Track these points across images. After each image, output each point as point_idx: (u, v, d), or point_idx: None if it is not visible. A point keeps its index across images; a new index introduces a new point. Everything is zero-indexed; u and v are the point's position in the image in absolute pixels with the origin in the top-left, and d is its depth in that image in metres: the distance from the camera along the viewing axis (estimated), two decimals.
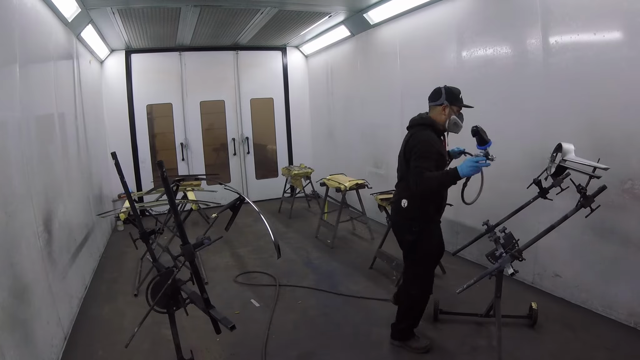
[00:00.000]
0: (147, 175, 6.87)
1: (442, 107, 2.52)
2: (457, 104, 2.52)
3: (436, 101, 2.54)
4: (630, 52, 2.67)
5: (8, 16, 2.58)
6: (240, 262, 4.56)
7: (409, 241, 2.61)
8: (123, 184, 2.50)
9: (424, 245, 2.59)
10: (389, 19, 5.04)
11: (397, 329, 2.77)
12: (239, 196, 3.00)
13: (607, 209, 2.70)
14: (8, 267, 2.21)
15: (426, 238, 2.59)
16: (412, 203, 2.54)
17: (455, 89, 2.54)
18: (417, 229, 2.56)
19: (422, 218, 2.56)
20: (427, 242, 2.60)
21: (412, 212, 2.55)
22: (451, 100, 2.51)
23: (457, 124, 2.52)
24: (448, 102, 2.50)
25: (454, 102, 2.51)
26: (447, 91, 2.51)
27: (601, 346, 2.65)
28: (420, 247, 2.60)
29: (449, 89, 2.52)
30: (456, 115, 2.52)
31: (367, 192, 4.68)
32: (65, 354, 2.81)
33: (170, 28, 5.51)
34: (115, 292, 3.83)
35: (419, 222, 2.56)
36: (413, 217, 2.56)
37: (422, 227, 2.56)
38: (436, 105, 2.55)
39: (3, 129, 2.41)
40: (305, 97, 7.75)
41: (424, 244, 2.59)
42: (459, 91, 2.55)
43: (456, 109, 2.53)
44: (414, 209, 2.55)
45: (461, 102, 2.54)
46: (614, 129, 2.81)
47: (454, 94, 2.51)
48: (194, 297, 2.14)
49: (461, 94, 2.55)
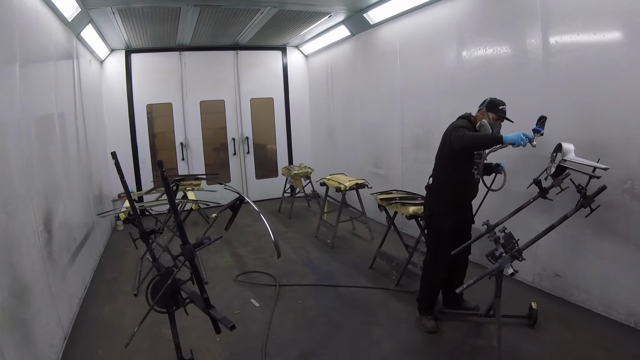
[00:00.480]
0: (147, 175, 6.87)
1: (481, 112, 2.87)
2: (493, 112, 2.81)
3: (479, 107, 2.91)
4: (630, 52, 2.67)
5: (8, 16, 2.58)
6: (240, 262, 4.56)
7: (426, 215, 3.06)
8: (123, 184, 2.50)
9: (436, 223, 2.95)
10: (389, 19, 5.04)
11: (417, 300, 3.08)
12: (239, 196, 3.00)
13: (607, 209, 2.71)
14: (8, 267, 2.21)
15: (439, 217, 2.93)
16: (436, 181, 2.94)
17: (497, 100, 2.83)
18: (433, 205, 2.96)
19: (439, 198, 2.92)
20: (439, 222, 2.93)
21: (433, 189, 2.96)
22: (489, 108, 2.82)
23: (485, 127, 2.78)
24: (485, 109, 2.83)
25: (491, 109, 2.82)
26: (489, 100, 2.85)
27: (601, 346, 2.65)
28: (433, 223, 2.98)
29: (491, 99, 2.85)
30: (491, 122, 2.80)
31: (367, 192, 4.68)
32: (65, 353, 2.81)
33: (170, 28, 5.51)
34: (115, 292, 3.83)
35: (436, 200, 2.94)
36: (432, 193, 2.98)
37: (439, 205, 2.93)
38: (479, 110, 2.91)
39: (3, 129, 2.41)
40: (305, 97, 7.75)
41: (436, 221, 2.95)
42: (501, 103, 2.82)
43: (492, 116, 2.81)
44: (436, 187, 2.94)
45: (498, 112, 2.80)
46: (614, 129, 2.81)
47: (493, 103, 2.83)
48: (194, 296, 2.14)
49: (504, 106, 2.81)
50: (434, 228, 2.98)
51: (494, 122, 2.79)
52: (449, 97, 4.26)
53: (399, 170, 5.24)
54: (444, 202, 2.90)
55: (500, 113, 2.79)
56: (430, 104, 4.56)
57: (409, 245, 3.97)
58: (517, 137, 2.49)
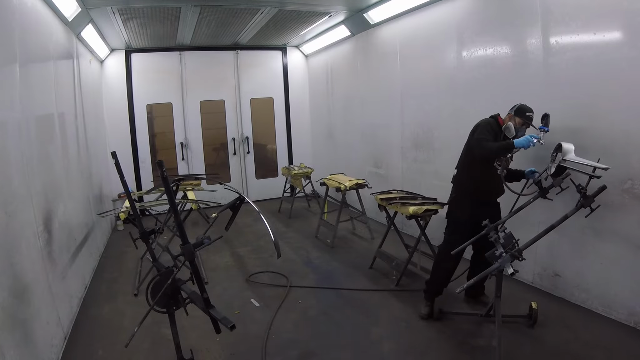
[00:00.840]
0: (147, 175, 6.87)
1: (509, 115, 2.98)
2: (520, 117, 2.92)
3: (510, 110, 3.01)
4: (630, 52, 2.67)
5: (8, 16, 2.57)
6: (240, 262, 4.56)
7: (448, 203, 3.21)
8: (123, 184, 2.50)
9: (455, 211, 3.09)
10: (389, 19, 5.04)
11: (425, 283, 3.22)
12: (239, 196, 3.00)
13: (607, 209, 2.70)
14: (8, 267, 2.21)
15: (457, 205, 3.08)
16: (459, 174, 3.12)
17: (526, 107, 2.94)
18: (454, 194, 3.13)
19: (461, 188, 3.09)
20: (456, 209, 3.08)
21: (456, 180, 3.13)
22: (517, 113, 2.94)
23: (509, 129, 2.87)
24: (514, 113, 2.95)
25: (518, 114, 2.93)
26: (518, 106, 2.96)
27: (601, 346, 2.65)
28: (451, 212, 3.12)
29: (521, 105, 2.95)
30: (516, 125, 2.90)
31: (367, 191, 4.68)
32: (65, 353, 2.81)
33: (171, 28, 5.51)
34: (115, 292, 3.83)
35: (458, 190, 3.11)
36: (455, 183, 3.14)
37: (458, 195, 3.09)
38: (508, 112, 3.01)
39: (3, 129, 2.41)
40: (305, 97, 7.75)
41: (454, 209, 3.10)
42: (529, 110, 2.92)
43: (519, 120, 2.92)
44: (458, 179, 3.12)
45: (524, 118, 2.91)
46: (614, 129, 2.81)
47: (521, 109, 2.94)
48: (194, 296, 2.14)
49: (531, 113, 2.91)
50: (452, 216, 3.10)
51: (519, 126, 2.90)
52: (449, 97, 4.26)
53: (399, 170, 5.24)
54: (464, 192, 3.06)
55: (527, 119, 2.91)
56: (431, 104, 4.56)
57: (409, 245, 3.97)
58: (526, 141, 2.71)
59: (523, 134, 2.88)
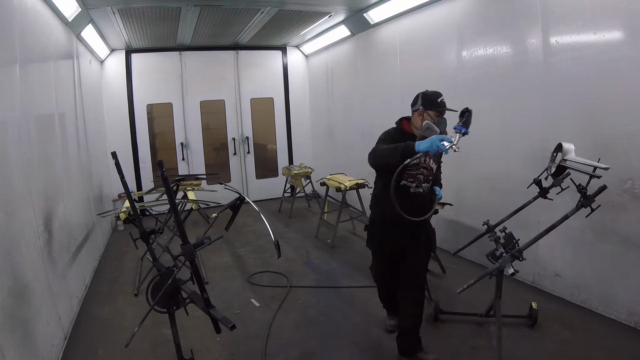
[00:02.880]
0: (147, 175, 6.87)
1: (418, 112, 2.47)
2: (433, 109, 2.41)
3: (413, 106, 2.52)
4: (630, 51, 2.67)
5: (8, 16, 2.57)
6: (240, 262, 4.56)
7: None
8: (123, 184, 2.50)
9: (368, 234, 2.78)
10: (389, 19, 5.04)
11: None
12: (239, 196, 3.00)
13: (607, 209, 2.70)
14: (8, 267, 2.21)
15: (370, 233, 2.75)
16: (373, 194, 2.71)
17: (433, 93, 2.44)
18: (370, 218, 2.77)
19: (372, 211, 2.73)
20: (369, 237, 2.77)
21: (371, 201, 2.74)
22: (427, 105, 2.42)
23: (431, 129, 2.32)
24: (423, 107, 2.43)
25: (430, 106, 2.42)
26: (423, 96, 2.46)
27: (601, 346, 2.64)
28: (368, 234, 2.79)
29: (425, 93, 2.46)
30: (433, 120, 2.39)
31: (367, 191, 4.66)
32: (65, 353, 2.81)
33: (171, 28, 5.51)
34: (115, 292, 3.83)
35: (371, 213, 2.74)
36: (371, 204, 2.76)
37: (371, 219, 2.74)
38: (414, 110, 2.51)
39: (3, 129, 2.41)
40: (305, 97, 7.75)
41: (368, 232, 2.77)
42: (438, 95, 2.43)
43: (433, 114, 2.41)
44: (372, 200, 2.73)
45: (438, 107, 2.41)
46: (614, 129, 2.81)
47: (429, 99, 2.42)
48: (194, 296, 2.14)
49: (441, 97, 2.42)
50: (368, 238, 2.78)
51: (437, 119, 2.40)
52: (449, 97, 4.17)
53: None
54: (375, 217, 2.69)
55: (441, 107, 2.41)
56: None
57: None
58: (431, 144, 2.05)
59: (444, 127, 2.38)
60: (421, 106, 2.44)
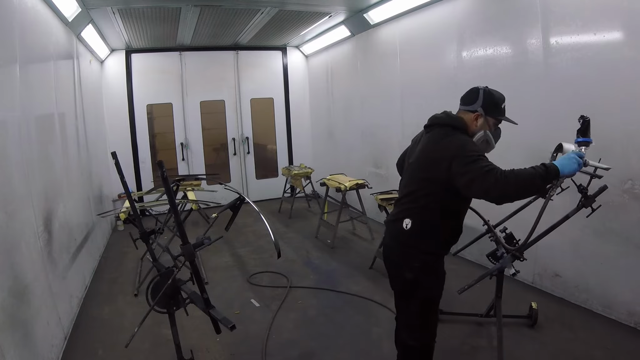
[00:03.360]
0: (147, 175, 6.87)
1: (475, 115, 1.88)
2: (494, 116, 1.89)
3: (469, 105, 1.92)
4: (630, 52, 2.67)
5: (8, 16, 2.57)
6: (240, 262, 4.56)
7: (405, 279, 1.93)
8: (123, 184, 2.50)
9: (426, 287, 1.92)
10: (389, 19, 5.04)
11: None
12: (239, 196, 2.99)
13: (607, 209, 2.70)
14: (8, 267, 2.21)
15: (431, 277, 1.92)
16: (420, 225, 1.87)
17: (497, 93, 1.91)
18: (419, 263, 1.89)
19: (429, 248, 1.90)
20: (431, 283, 1.93)
21: (417, 238, 1.88)
22: (488, 109, 1.87)
23: (489, 142, 1.89)
24: (484, 111, 1.87)
25: (493, 112, 1.88)
26: (486, 95, 1.88)
27: (601, 346, 2.64)
28: (421, 289, 1.91)
29: (489, 93, 1.89)
30: (491, 130, 1.90)
31: (367, 192, 4.68)
32: (65, 353, 2.81)
33: (171, 28, 5.51)
34: (115, 292, 3.83)
35: (423, 253, 1.90)
36: (417, 245, 1.89)
37: (426, 260, 1.91)
38: (468, 110, 1.91)
39: (3, 129, 2.41)
40: (305, 97, 7.75)
41: (426, 284, 1.92)
42: (503, 98, 1.92)
43: (493, 122, 1.90)
44: (422, 234, 1.88)
45: (501, 114, 1.92)
46: (614, 129, 2.81)
47: (494, 101, 1.88)
48: (194, 297, 2.14)
49: (504, 102, 1.93)
50: (424, 295, 1.93)
51: (492, 128, 1.92)
52: (449, 97, 4.22)
53: None
54: (437, 248, 1.94)
55: (502, 115, 1.94)
56: (431, 104, 4.54)
57: None
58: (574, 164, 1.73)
59: (498, 138, 1.96)
60: (481, 108, 1.88)
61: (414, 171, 1.97)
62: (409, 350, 2.05)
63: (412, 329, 2.01)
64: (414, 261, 1.91)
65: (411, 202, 1.92)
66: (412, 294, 1.94)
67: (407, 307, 2.01)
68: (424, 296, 1.94)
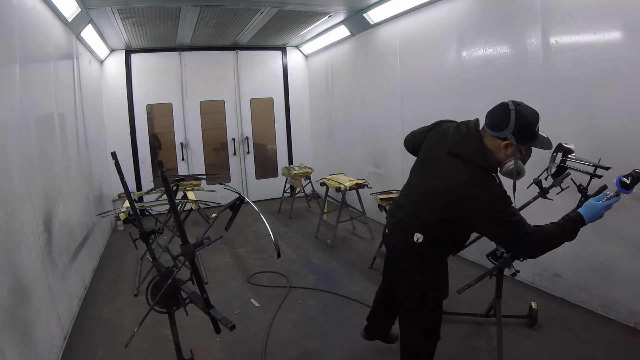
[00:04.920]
0: (147, 175, 6.87)
1: (506, 143, 1.72)
2: (527, 142, 1.74)
3: (497, 131, 1.73)
4: (630, 52, 2.67)
5: (8, 16, 2.57)
6: (240, 262, 4.56)
7: (417, 283, 1.98)
8: (123, 184, 2.50)
9: (436, 289, 2.00)
10: (389, 19, 5.04)
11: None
12: (239, 196, 3.00)
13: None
14: (8, 267, 2.21)
15: (440, 280, 2.02)
16: (430, 240, 1.92)
17: (531, 115, 1.71)
18: (431, 268, 1.98)
19: (439, 255, 2.01)
20: (440, 285, 2.02)
21: (428, 249, 1.95)
22: (522, 139, 1.71)
23: (520, 173, 1.77)
24: (516, 140, 1.70)
25: (527, 141, 1.73)
26: (518, 119, 1.68)
27: (601, 346, 2.65)
28: (432, 291, 1.99)
29: (522, 116, 1.68)
30: (522, 158, 1.78)
31: (367, 192, 4.68)
32: (65, 353, 2.81)
33: (170, 28, 5.51)
34: (115, 292, 3.83)
35: (434, 260, 1.99)
36: (428, 254, 1.96)
37: (437, 265, 2.01)
38: (496, 136, 1.74)
39: (3, 129, 2.41)
40: (305, 97, 7.75)
41: (436, 286, 2.00)
42: (537, 120, 1.73)
43: (524, 148, 1.77)
44: (433, 246, 1.94)
45: (535, 139, 1.75)
46: (614, 129, 2.81)
47: (529, 130, 1.71)
48: (194, 296, 2.14)
49: (539, 123, 1.74)
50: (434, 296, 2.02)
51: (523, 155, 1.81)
52: (449, 97, 4.26)
53: (399, 170, 5.23)
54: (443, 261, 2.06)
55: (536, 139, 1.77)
56: (431, 104, 4.55)
57: None
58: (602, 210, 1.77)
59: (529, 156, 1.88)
60: (513, 136, 1.69)
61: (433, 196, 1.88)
62: (417, 350, 2.14)
63: (422, 330, 2.08)
64: (426, 266, 1.97)
65: (425, 224, 1.92)
66: (424, 297, 1.98)
67: (417, 310, 2.05)
68: (434, 298, 2.01)
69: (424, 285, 1.97)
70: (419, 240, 1.92)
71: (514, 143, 1.70)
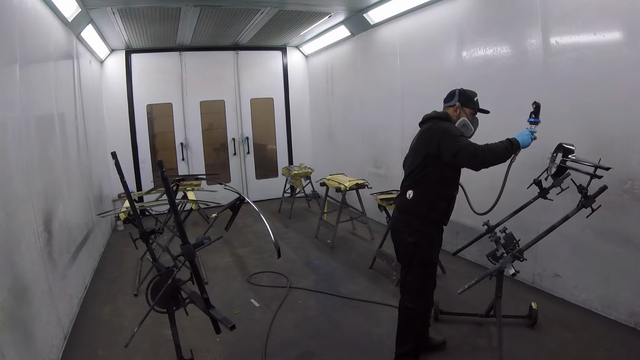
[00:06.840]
0: (147, 175, 6.87)
1: (454, 108, 2.45)
2: (470, 106, 2.44)
3: (449, 102, 2.50)
4: (630, 52, 2.67)
5: (8, 16, 2.57)
6: (240, 262, 4.56)
7: (408, 243, 2.35)
8: (123, 184, 2.49)
9: (423, 251, 2.36)
10: (389, 19, 5.04)
11: (402, 356, 2.48)
12: (239, 196, 2.99)
13: (607, 209, 2.70)
14: (8, 267, 2.21)
15: (427, 242, 2.37)
16: (420, 196, 2.33)
17: (470, 91, 2.47)
18: (419, 227, 2.34)
19: (427, 216, 2.35)
20: (427, 248, 2.37)
21: (417, 206, 2.34)
22: (464, 102, 2.43)
23: (467, 126, 2.41)
24: (460, 104, 2.43)
25: (467, 104, 2.44)
26: (460, 93, 2.46)
27: (601, 346, 2.64)
28: (419, 252, 2.35)
29: (463, 90, 2.47)
30: (469, 118, 2.43)
31: (367, 192, 4.68)
32: (65, 353, 2.81)
33: (170, 28, 5.51)
34: (115, 292, 3.83)
35: (422, 220, 2.35)
36: (417, 212, 2.34)
37: (426, 227, 2.36)
38: (449, 106, 2.49)
39: (3, 129, 2.41)
40: (305, 97, 7.75)
41: (424, 248, 2.35)
42: (475, 94, 2.48)
43: (469, 111, 2.44)
44: (421, 203, 2.33)
45: (475, 105, 2.46)
46: (614, 129, 2.81)
47: (467, 95, 2.45)
48: (194, 297, 2.14)
49: (477, 97, 2.48)
50: (421, 258, 2.36)
51: (471, 118, 2.45)
52: None
53: (399, 170, 5.20)
54: (434, 217, 2.38)
55: (477, 106, 2.46)
56: (431, 104, 4.50)
57: None
58: (528, 137, 2.24)
59: (476, 127, 2.47)
60: (458, 102, 2.44)
61: (413, 154, 2.44)
62: (408, 313, 2.44)
63: (412, 293, 2.43)
64: (415, 225, 2.36)
65: (413, 177, 2.39)
66: (413, 258, 2.37)
67: (408, 272, 2.42)
68: (421, 259, 2.37)
69: (413, 244, 2.35)
70: (410, 195, 2.37)
71: (460, 106, 2.44)
